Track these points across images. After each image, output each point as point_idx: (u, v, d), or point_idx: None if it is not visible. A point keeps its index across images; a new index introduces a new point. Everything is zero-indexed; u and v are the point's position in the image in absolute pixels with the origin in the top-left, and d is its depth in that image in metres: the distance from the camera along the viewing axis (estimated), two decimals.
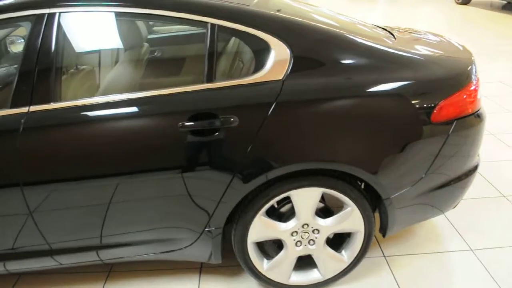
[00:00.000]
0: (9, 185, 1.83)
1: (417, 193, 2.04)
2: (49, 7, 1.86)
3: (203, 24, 1.86)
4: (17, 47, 3.28)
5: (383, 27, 2.62)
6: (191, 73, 2.08)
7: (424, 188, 2.04)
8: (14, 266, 2.09)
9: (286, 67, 1.84)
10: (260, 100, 1.81)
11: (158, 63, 2.53)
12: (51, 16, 1.85)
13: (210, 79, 1.83)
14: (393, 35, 2.34)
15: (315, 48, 1.89)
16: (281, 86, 1.82)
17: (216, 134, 1.79)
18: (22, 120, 1.80)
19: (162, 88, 1.85)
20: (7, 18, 1.89)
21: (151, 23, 2.68)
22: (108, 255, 2.08)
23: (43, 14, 1.85)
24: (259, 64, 1.85)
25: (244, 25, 1.85)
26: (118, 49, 2.36)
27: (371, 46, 1.96)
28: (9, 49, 3.27)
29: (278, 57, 1.84)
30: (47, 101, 1.82)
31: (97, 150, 1.82)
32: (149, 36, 2.61)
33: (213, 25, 1.84)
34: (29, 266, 2.09)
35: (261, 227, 1.99)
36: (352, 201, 1.98)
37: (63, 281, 2.35)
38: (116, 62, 2.30)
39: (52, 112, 1.82)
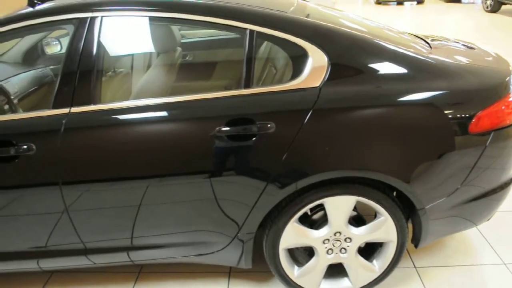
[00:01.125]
0: (49, 184, 1.87)
1: (452, 205, 2.01)
2: (91, 11, 1.90)
3: (241, 30, 1.87)
4: (52, 49, 3.36)
5: (417, 34, 2.59)
6: (227, 78, 2.10)
7: (459, 200, 2.01)
8: (48, 264, 2.13)
9: (323, 74, 1.84)
10: (297, 107, 1.81)
11: (193, 67, 2.56)
12: (94, 19, 1.89)
13: (247, 85, 1.84)
14: (428, 43, 2.32)
15: (351, 55, 1.88)
16: (318, 93, 1.82)
17: (253, 139, 1.80)
18: (64, 121, 1.84)
19: (197, 92, 1.87)
20: (51, 21, 1.95)
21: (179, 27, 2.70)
22: (139, 256, 2.10)
23: (86, 18, 1.89)
24: (296, 70, 1.86)
25: (282, 31, 1.86)
26: (154, 53, 2.39)
27: (407, 54, 1.94)
28: (45, 50, 3.34)
29: (316, 64, 1.84)
30: (88, 103, 1.86)
31: (133, 153, 1.85)
32: (183, 40, 2.64)
33: (251, 31, 1.85)
34: (62, 264, 2.13)
35: (293, 234, 1.98)
36: (386, 210, 1.97)
37: (94, 280, 2.38)
38: (152, 66, 2.33)
39: (92, 114, 1.86)
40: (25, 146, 1.83)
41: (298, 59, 1.86)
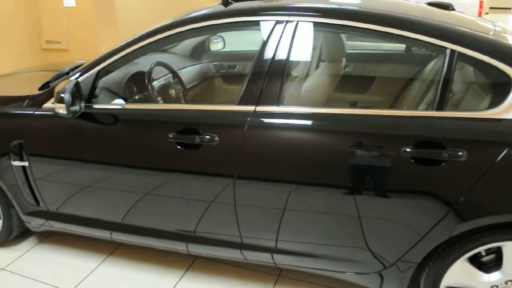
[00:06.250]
0: (225, 176, 1.94)
1: None
2: (289, 15, 1.94)
3: (440, 48, 1.77)
4: (215, 46, 3.55)
5: None
6: (416, 97, 2.02)
7: None
8: (198, 249, 2.23)
9: None
10: (494, 138, 1.67)
11: (370, 80, 2.51)
12: (290, 23, 1.93)
13: (440, 107, 1.74)
14: None
15: None
16: None
17: (440, 166, 1.69)
18: (248, 118, 1.89)
19: (376, 107, 1.81)
20: (244, 21, 2.03)
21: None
22: (286, 261, 2.10)
23: (283, 21, 1.94)
24: (496, 98, 1.71)
25: (487, 55, 1.72)
26: (326, 61, 2.39)
27: None
28: (209, 47, 3.54)
29: None
30: (272, 104, 1.90)
31: (309, 159, 1.84)
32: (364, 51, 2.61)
33: (453, 51, 1.75)
34: (215, 253, 2.21)
35: (460, 273, 1.84)
36: None
37: (235, 273, 2.44)
38: (328, 74, 2.33)
39: (275, 115, 1.89)
40: (208, 137, 1.92)
41: (500, 86, 1.71)
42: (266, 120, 1.89)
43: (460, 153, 1.66)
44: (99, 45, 5.22)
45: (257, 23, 2.02)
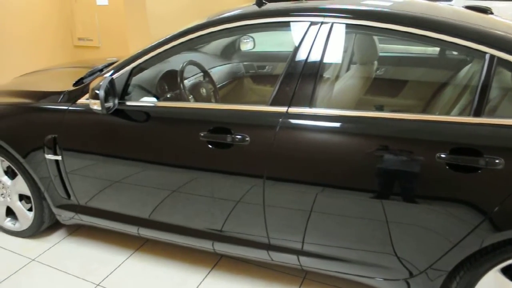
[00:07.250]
0: (254, 176, 1.94)
1: None
2: (323, 16, 1.93)
3: (479, 53, 1.73)
4: (245, 46, 3.56)
5: None
6: (450, 102, 1.98)
7: None
8: (224, 248, 2.24)
9: None
10: None
11: (403, 84, 2.48)
12: (325, 25, 1.92)
13: (478, 113, 1.70)
14: None
15: None
16: None
17: (476, 173, 1.65)
18: (280, 119, 1.89)
19: (409, 111, 1.78)
20: (280, 22, 2.02)
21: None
22: (312, 263, 2.09)
23: (318, 22, 1.93)
24: None
25: None
26: (362, 64, 2.36)
27: None
28: (240, 47, 3.56)
29: None
30: (305, 105, 1.89)
31: (346, 162, 1.82)
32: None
33: (492, 56, 1.71)
34: (241, 253, 2.22)
35: (492, 283, 1.79)
36: None
37: (260, 273, 2.44)
38: (360, 76, 2.31)
39: (308, 117, 1.88)
40: (240, 136, 1.93)
41: None
42: (298, 122, 1.88)
43: (497, 161, 1.62)
44: (130, 43, 5.30)
45: (291, 24, 2.01)
